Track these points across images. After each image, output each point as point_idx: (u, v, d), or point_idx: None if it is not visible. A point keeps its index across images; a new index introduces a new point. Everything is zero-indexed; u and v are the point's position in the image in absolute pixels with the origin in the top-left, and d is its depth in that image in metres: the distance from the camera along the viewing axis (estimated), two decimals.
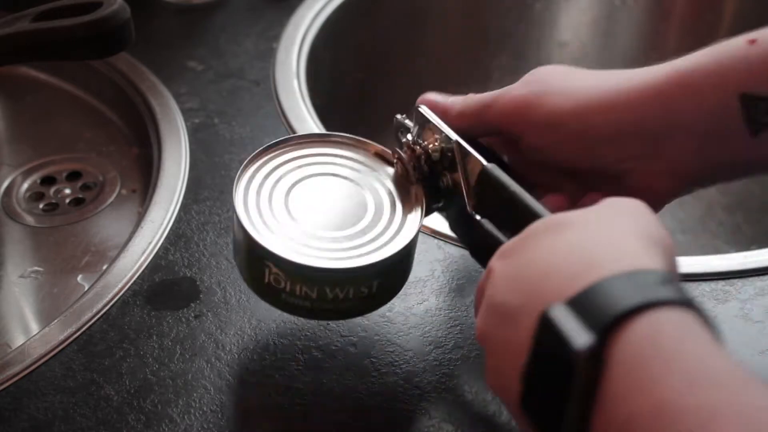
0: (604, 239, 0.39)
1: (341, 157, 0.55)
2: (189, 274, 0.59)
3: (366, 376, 0.53)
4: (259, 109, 0.74)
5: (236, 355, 0.54)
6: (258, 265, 0.49)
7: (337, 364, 0.53)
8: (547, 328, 0.36)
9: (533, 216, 0.44)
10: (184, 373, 0.53)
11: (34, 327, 0.64)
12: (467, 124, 0.53)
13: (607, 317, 0.34)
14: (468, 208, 0.50)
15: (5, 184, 0.75)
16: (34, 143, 0.79)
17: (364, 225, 0.51)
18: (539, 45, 0.99)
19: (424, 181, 0.53)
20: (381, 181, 0.53)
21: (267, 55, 0.80)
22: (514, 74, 0.54)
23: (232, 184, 0.51)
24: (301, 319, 0.56)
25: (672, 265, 0.40)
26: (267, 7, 0.86)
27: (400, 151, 0.53)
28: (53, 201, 0.73)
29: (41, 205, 0.73)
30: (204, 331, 0.55)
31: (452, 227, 0.54)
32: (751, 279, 0.58)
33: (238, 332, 0.55)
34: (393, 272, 0.51)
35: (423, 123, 0.53)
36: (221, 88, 0.77)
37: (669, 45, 0.99)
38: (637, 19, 1.00)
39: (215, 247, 0.61)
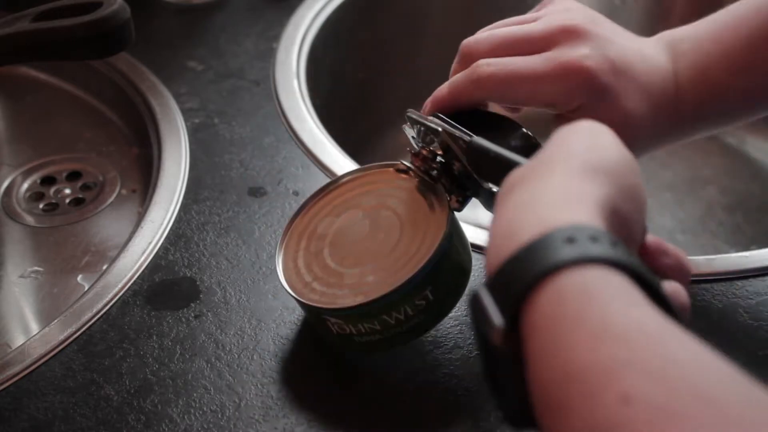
0: (530, 196, 0.39)
1: (355, 191, 0.55)
2: (189, 274, 0.59)
3: (366, 375, 0.53)
4: (259, 109, 0.74)
5: (236, 355, 0.54)
6: (321, 322, 0.51)
7: (338, 364, 0.53)
8: (474, 306, 0.37)
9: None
10: (184, 373, 0.53)
11: (34, 327, 0.64)
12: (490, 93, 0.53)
13: (513, 296, 0.35)
14: (483, 185, 0.50)
15: (5, 184, 0.75)
16: (34, 143, 0.79)
17: (395, 243, 0.51)
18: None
19: (445, 178, 0.52)
20: (404, 194, 0.53)
21: (267, 55, 0.80)
22: None
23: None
24: (301, 319, 0.56)
25: (623, 187, 0.39)
26: (267, 7, 0.86)
27: (406, 163, 0.54)
28: (53, 201, 0.73)
29: (41, 205, 0.73)
30: (204, 331, 0.55)
31: (487, 208, 0.53)
32: (751, 279, 0.58)
33: (238, 332, 0.55)
34: (440, 273, 0.50)
35: (417, 124, 0.53)
36: (221, 88, 0.77)
37: None
38: (637, 19, 1.00)
39: (215, 247, 0.61)
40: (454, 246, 0.51)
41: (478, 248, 0.56)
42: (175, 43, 0.82)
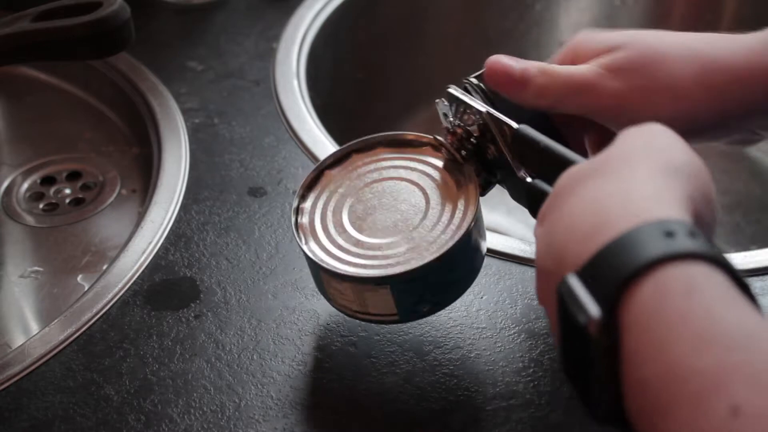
0: (616, 189, 0.38)
1: (385, 159, 0.54)
2: (189, 274, 0.59)
3: (366, 376, 0.53)
4: (259, 109, 0.74)
5: (236, 355, 0.54)
6: (342, 288, 0.50)
7: (337, 364, 0.53)
8: (562, 302, 0.36)
9: (567, 164, 0.44)
10: (184, 373, 0.53)
11: (34, 327, 0.64)
12: (548, 102, 0.51)
13: (612, 286, 0.34)
14: (517, 173, 0.50)
15: (5, 184, 0.75)
16: (34, 143, 0.79)
17: (421, 218, 0.51)
18: (539, 45, 0.99)
19: (474, 159, 0.52)
20: (432, 171, 0.53)
21: (267, 55, 0.80)
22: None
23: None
24: (301, 319, 0.56)
25: (699, 191, 0.38)
26: (267, 7, 0.86)
27: (440, 138, 0.53)
28: (53, 201, 0.73)
29: (41, 205, 0.73)
30: (204, 331, 0.55)
31: (513, 196, 0.53)
32: (751, 279, 0.58)
33: (238, 332, 0.55)
34: (466, 253, 0.51)
35: (456, 102, 0.53)
36: (221, 88, 0.77)
37: None
38: (637, 19, 1.00)
39: (215, 247, 0.61)
40: (478, 230, 0.51)
41: None
42: (175, 43, 0.82)
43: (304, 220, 0.52)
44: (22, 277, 0.67)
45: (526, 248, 0.59)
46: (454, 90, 0.53)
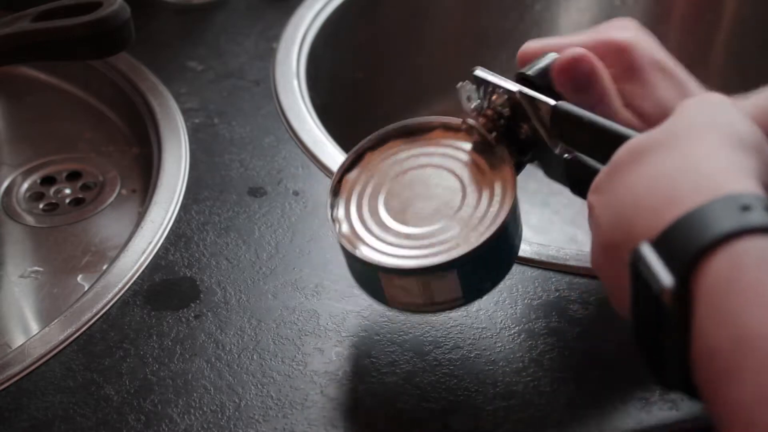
0: (686, 162, 0.38)
1: (407, 148, 0.54)
2: (189, 274, 0.59)
3: (366, 376, 0.53)
4: (259, 109, 0.74)
5: (236, 355, 0.54)
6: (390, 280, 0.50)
7: (337, 364, 0.53)
8: (635, 270, 0.36)
9: (619, 139, 0.44)
10: (184, 373, 0.53)
11: (34, 327, 0.64)
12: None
13: (687, 256, 0.34)
14: (554, 150, 0.50)
15: (5, 184, 0.75)
16: (34, 143, 0.79)
17: (460, 203, 0.51)
18: None
19: (505, 139, 0.52)
20: (461, 154, 0.53)
21: (267, 55, 0.80)
22: (513, 74, 0.54)
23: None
24: (301, 319, 0.56)
25: (764, 164, 0.38)
26: (267, 7, 0.86)
27: (469, 120, 0.53)
28: (53, 201, 0.73)
29: (41, 205, 0.73)
30: (204, 331, 0.55)
31: (548, 174, 0.54)
32: None
33: (238, 332, 0.55)
34: (511, 234, 0.51)
35: (484, 84, 0.53)
36: (221, 88, 0.77)
37: (669, 45, 0.99)
38: (637, 19, 1.00)
39: (215, 247, 0.61)
40: (516, 206, 0.51)
41: None
42: (175, 43, 0.82)
43: (344, 228, 0.51)
44: (22, 277, 0.67)
45: (526, 248, 0.59)
46: (481, 71, 0.53)
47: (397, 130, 0.55)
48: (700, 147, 0.39)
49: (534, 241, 0.60)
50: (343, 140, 0.71)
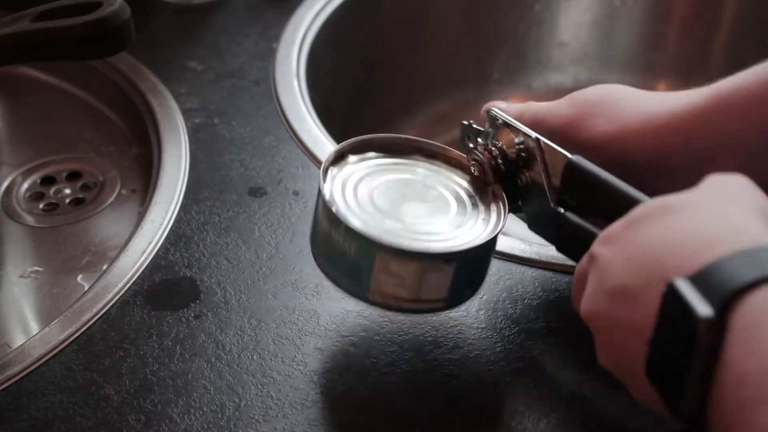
0: (720, 218, 0.41)
1: (414, 164, 0.55)
2: (189, 274, 0.59)
3: (366, 376, 0.53)
4: (259, 109, 0.74)
5: (236, 355, 0.54)
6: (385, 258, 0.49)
7: (337, 364, 0.53)
8: (673, 299, 0.38)
9: (631, 201, 0.46)
10: (184, 373, 0.53)
11: (34, 327, 0.64)
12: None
13: (727, 290, 0.37)
14: (552, 203, 0.51)
15: (5, 184, 0.75)
16: (34, 143, 0.79)
17: (451, 217, 0.51)
18: (539, 45, 0.99)
19: (501, 181, 0.53)
20: (457, 185, 0.54)
21: (267, 55, 0.80)
22: (514, 74, 0.54)
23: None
24: (301, 319, 0.56)
25: None
26: (267, 7, 0.86)
27: (477, 153, 0.54)
28: (53, 201, 0.73)
29: (41, 205, 0.73)
30: (204, 331, 0.55)
31: (531, 224, 0.55)
32: None
33: (238, 332, 0.55)
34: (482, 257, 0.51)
35: (496, 124, 0.54)
36: (221, 88, 0.77)
37: (669, 45, 0.99)
38: (637, 19, 1.00)
39: (215, 247, 0.61)
40: (494, 245, 0.52)
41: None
42: (175, 43, 0.82)
43: (339, 206, 0.50)
44: (22, 277, 0.67)
45: (526, 248, 0.59)
46: (497, 112, 0.54)
47: (406, 142, 0.55)
48: (733, 208, 0.41)
49: (534, 241, 0.60)
50: (343, 140, 0.71)
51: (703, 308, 0.37)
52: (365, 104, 0.92)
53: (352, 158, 0.54)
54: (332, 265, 0.51)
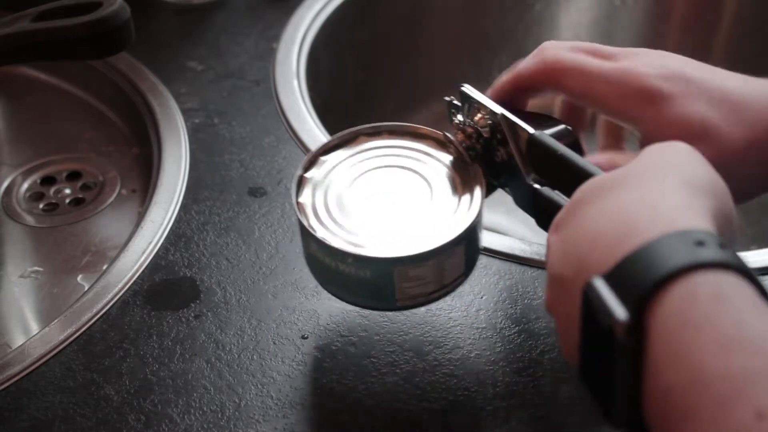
0: (643, 199, 0.38)
1: (394, 147, 0.54)
2: (189, 274, 0.59)
3: (366, 376, 0.53)
4: (259, 109, 0.74)
5: (236, 355, 0.54)
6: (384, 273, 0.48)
7: (337, 364, 0.53)
8: (588, 303, 0.36)
9: (585, 176, 0.44)
10: (184, 373, 0.53)
11: (34, 327, 0.64)
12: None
13: (641, 290, 0.34)
14: (525, 178, 0.50)
15: (5, 184, 0.75)
16: (34, 143, 0.79)
17: (424, 210, 0.50)
18: (539, 45, 0.99)
19: (481, 159, 0.52)
20: (439, 166, 0.52)
21: (267, 55, 0.80)
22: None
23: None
24: (301, 319, 0.56)
25: (721, 210, 0.38)
26: (267, 7, 0.86)
27: (449, 134, 0.53)
28: (53, 201, 0.74)
29: (41, 205, 0.73)
30: (204, 331, 0.55)
31: (516, 201, 0.53)
32: None
33: (238, 332, 0.55)
34: (470, 243, 0.50)
35: (469, 101, 0.53)
36: (221, 88, 0.77)
37: (669, 45, 0.99)
38: (637, 19, 1.00)
39: (215, 247, 0.61)
40: (478, 227, 0.51)
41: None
42: (175, 43, 0.82)
43: (334, 240, 0.48)
44: (22, 277, 0.67)
45: (526, 248, 0.59)
46: (467, 89, 0.53)
47: (373, 129, 0.54)
48: (657, 187, 0.39)
49: (534, 241, 0.60)
50: None
51: (618, 311, 0.34)
52: (365, 104, 0.92)
53: (315, 174, 0.52)
54: (348, 292, 0.50)
